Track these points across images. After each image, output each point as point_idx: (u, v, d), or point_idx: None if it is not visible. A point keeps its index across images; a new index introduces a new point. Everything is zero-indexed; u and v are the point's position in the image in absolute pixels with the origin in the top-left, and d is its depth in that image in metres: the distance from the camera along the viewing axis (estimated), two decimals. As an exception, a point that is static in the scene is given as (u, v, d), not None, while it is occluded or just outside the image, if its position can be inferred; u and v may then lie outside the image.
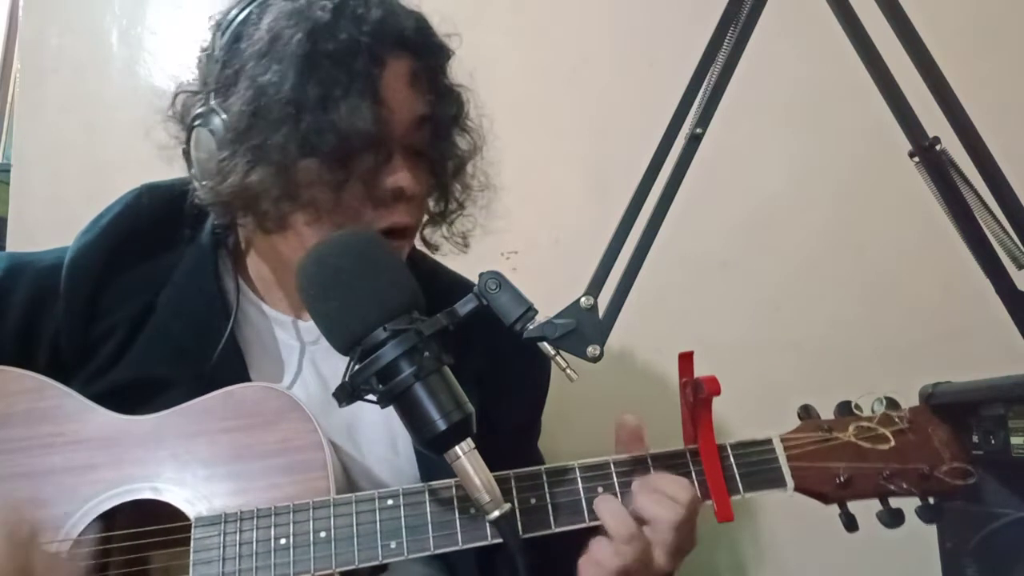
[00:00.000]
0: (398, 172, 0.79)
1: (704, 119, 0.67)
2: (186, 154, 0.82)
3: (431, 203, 0.90)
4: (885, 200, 1.36)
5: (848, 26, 0.66)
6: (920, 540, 0.89)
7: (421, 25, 0.81)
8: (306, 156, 0.75)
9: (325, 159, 0.75)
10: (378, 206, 0.79)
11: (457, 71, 0.86)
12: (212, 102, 0.78)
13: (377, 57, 0.75)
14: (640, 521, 0.71)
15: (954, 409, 0.83)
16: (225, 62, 0.78)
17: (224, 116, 0.76)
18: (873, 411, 0.80)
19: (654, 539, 0.70)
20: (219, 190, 0.76)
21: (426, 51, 0.81)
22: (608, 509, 0.72)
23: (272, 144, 0.74)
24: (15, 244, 1.37)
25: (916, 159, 0.69)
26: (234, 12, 0.81)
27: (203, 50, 0.82)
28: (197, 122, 0.79)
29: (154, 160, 0.86)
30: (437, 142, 0.83)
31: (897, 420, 0.79)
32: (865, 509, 0.78)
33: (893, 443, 0.78)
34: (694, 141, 0.67)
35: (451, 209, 0.90)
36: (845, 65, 0.70)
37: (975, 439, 0.85)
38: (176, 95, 0.84)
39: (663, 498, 0.71)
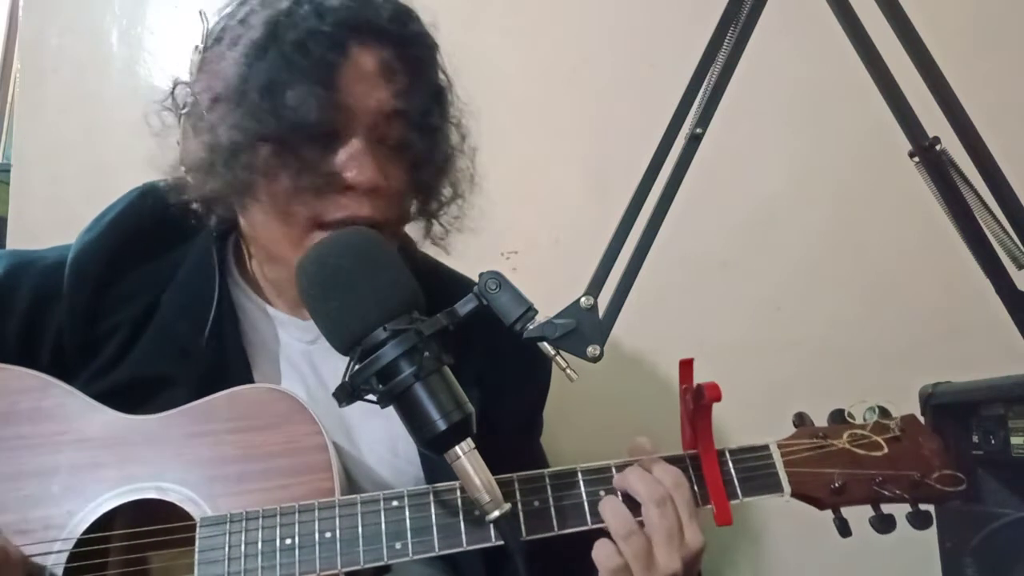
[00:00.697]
0: (355, 162, 0.77)
1: (704, 119, 0.67)
2: (179, 144, 0.83)
3: (412, 201, 0.88)
4: (885, 200, 1.36)
5: (848, 26, 0.66)
6: (920, 540, 0.89)
7: (398, 16, 0.80)
8: (256, 142, 0.75)
9: (276, 146, 0.75)
10: (336, 196, 0.78)
11: (449, 68, 0.85)
12: (195, 93, 0.79)
13: (337, 46, 0.74)
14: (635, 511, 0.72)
15: (954, 409, 0.83)
16: (205, 53, 0.80)
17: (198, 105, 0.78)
18: (865, 419, 0.81)
19: (649, 531, 0.71)
20: (186, 176, 0.78)
21: (400, 42, 0.79)
22: (609, 507, 0.73)
23: (223, 129, 0.75)
24: (15, 244, 1.36)
25: (916, 159, 0.69)
26: (224, 6, 0.82)
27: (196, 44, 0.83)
28: (184, 110, 0.80)
29: (154, 160, 0.86)
30: (410, 136, 0.81)
31: (890, 428, 0.79)
32: (860, 513, 0.79)
33: (886, 450, 0.78)
34: (694, 141, 0.67)
35: (431, 208, 0.88)
36: (845, 65, 0.70)
37: (975, 439, 0.85)
38: (174, 86, 0.84)
39: (646, 475, 0.73)
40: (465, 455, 0.64)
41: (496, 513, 0.64)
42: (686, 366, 0.76)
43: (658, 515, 0.71)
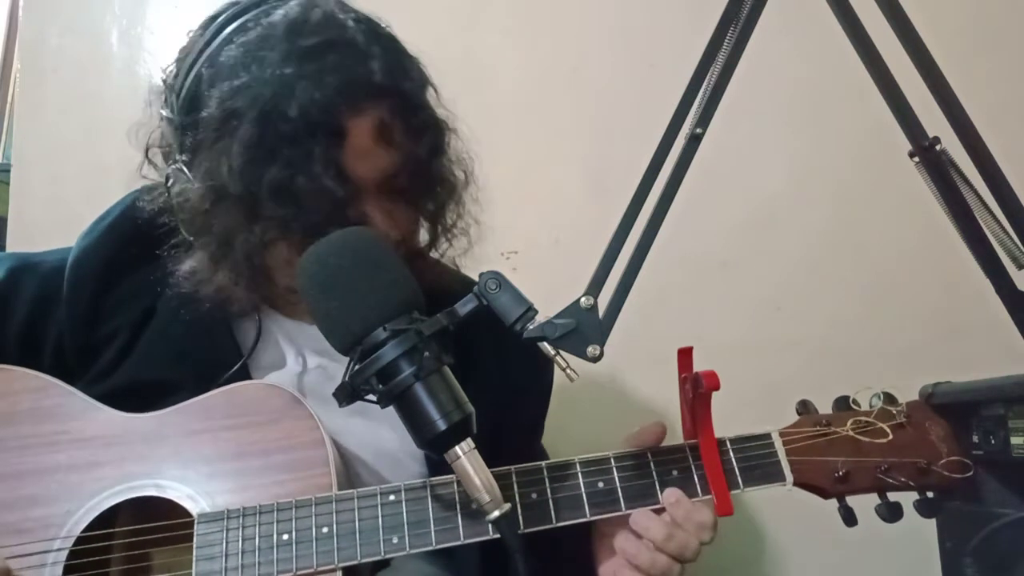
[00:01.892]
0: (374, 225, 0.77)
1: (704, 119, 0.67)
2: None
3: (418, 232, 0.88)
4: (885, 200, 1.36)
5: (848, 26, 0.66)
6: (920, 539, 0.89)
7: (390, 61, 0.76)
8: (273, 241, 0.75)
9: (291, 243, 0.75)
10: None
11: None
12: (180, 162, 0.77)
13: (335, 130, 0.72)
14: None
15: (954, 409, 0.83)
16: (183, 129, 0.77)
17: (188, 189, 0.76)
18: (871, 406, 0.80)
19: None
20: (189, 280, 0.78)
21: (396, 94, 0.76)
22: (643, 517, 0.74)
23: (234, 239, 0.75)
24: (15, 244, 1.37)
25: (916, 159, 0.69)
26: (185, 69, 0.78)
27: (162, 106, 0.81)
28: (169, 182, 0.79)
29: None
30: (413, 185, 0.81)
31: (895, 414, 0.79)
32: (865, 507, 0.78)
33: (891, 437, 0.78)
34: (694, 141, 0.67)
35: (439, 235, 0.88)
36: (845, 65, 0.70)
37: (975, 439, 0.85)
38: (148, 148, 0.84)
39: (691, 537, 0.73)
40: (465, 455, 0.64)
41: (496, 513, 0.64)
42: (685, 355, 0.76)
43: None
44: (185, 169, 0.76)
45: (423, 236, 0.88)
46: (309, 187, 0.71)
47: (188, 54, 0.79)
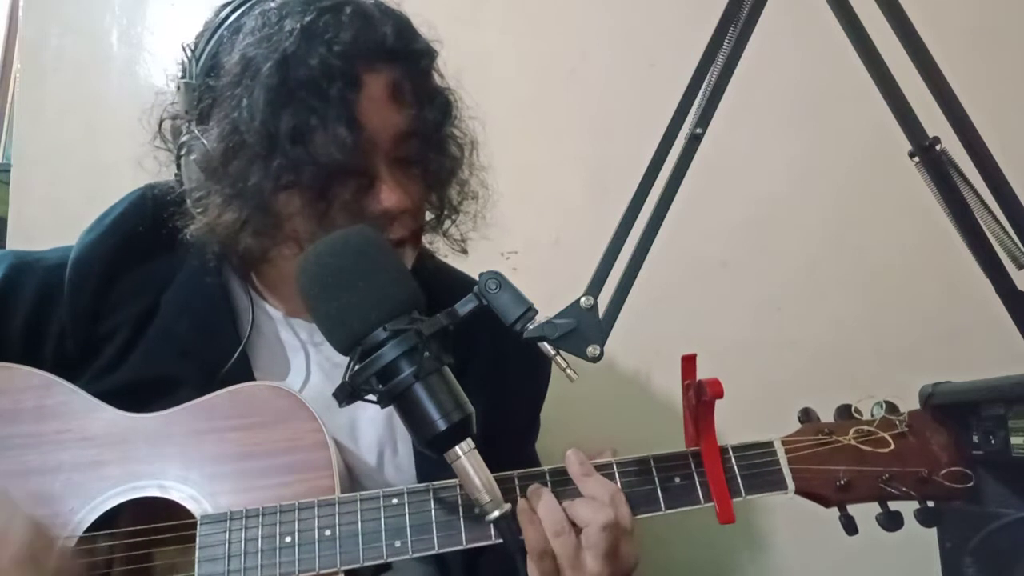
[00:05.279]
0: (385, 192, 0.78)
1: (704, 119, 0.67)
2: (179, 180, 0.82)
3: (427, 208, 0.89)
4: (885, 200, 1.36)
5: (848, 26, 0.66)
6: (920, 540, 0.89)
7: (400, 30, 0.79)
8: (283, 190, 0.75)
9: (304, 191, 0.75)
10: (367, 222, 0.78)
11: (447, 72, 0.85)
12: (194, 130, 0.78)
13: (352, 79, 0.74)
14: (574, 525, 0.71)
15: (954, 409, 0.83)
16: (201, 90, 0.78)
17: (204, 146, 0.76)
18: (872, 415, 0.80)
19: (584, 544, 0.70)
20: (198, 224, 0.77)
21: (407, 59, 0.79)
22: (543, 503, 0.72)
23: (247, 179, 0.74)
24: (15, 244, 1.37)
25: (916, 159, 0.69)
26: (207, 35, 0.80)
27: (180, 76, 0.82)
28: (183, 151, 0.79)
29: (154, 160, 0.86)
30: (425, 151, 0.82)
31: (897, 424, 0.79)
32: (864, 511, 0.78)
33: (893, 446, 0.78)
34: (694, 141, 0.67)
35: (446, 214, 0.89)
36: (845, 65, 0.70)
37: (975, 439, 0.85)
38: (161, 121, 0.84)
39: (592, 501, 0.71)
40: (465, 455, 0.64)
41: (496, 513, 0.64)
42: (688, 362, 0.76)
43: (604, 540, 0.70)
44: (199, 135, 0.77)
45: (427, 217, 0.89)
46: (324, 130, 0.72)
47: (209, 26, 0.81)
